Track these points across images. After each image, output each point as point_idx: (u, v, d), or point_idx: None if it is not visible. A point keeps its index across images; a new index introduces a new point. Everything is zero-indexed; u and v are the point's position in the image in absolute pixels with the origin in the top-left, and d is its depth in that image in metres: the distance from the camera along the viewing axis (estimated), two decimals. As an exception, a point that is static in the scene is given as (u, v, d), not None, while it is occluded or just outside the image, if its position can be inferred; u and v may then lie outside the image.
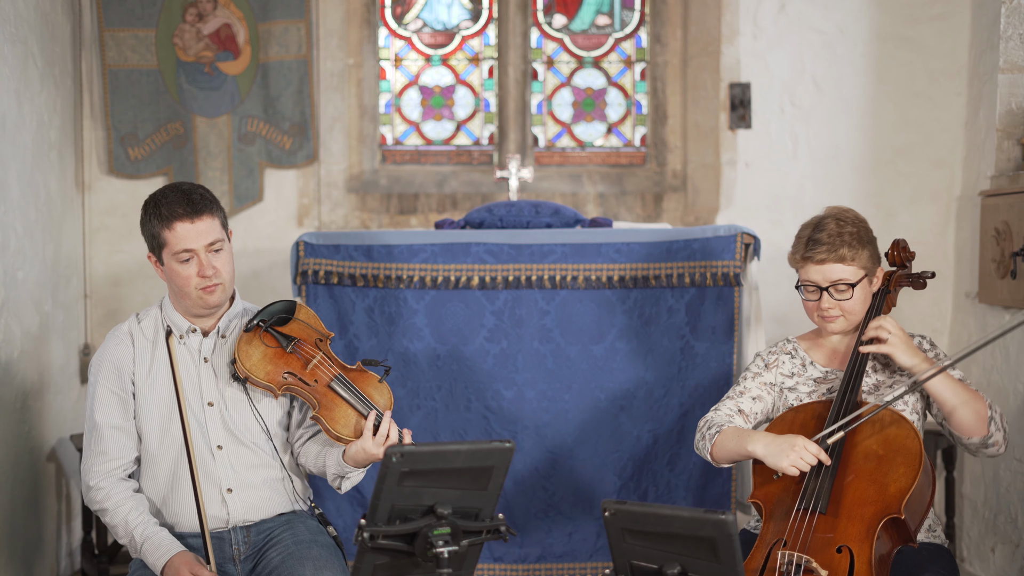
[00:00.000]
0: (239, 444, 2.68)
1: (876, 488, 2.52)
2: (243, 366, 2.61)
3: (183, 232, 2.58)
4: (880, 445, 2.58)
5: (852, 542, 2.46)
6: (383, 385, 2.68)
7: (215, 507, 2.66)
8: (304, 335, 2.69)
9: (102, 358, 2.69)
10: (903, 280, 2.88)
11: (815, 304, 2.76)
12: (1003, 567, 3.93)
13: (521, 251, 3.57)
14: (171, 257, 2.61)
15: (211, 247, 2.61)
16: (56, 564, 4.14)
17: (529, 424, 3.57)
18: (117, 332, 2.71)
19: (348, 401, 2.61)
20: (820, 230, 2.74)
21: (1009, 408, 3.85)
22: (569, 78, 4.94)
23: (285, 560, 2.59)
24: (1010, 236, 3.79)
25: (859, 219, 2.78)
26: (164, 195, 2.62)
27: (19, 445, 3.77)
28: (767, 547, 2.52)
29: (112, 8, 4.48)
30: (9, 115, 3.70)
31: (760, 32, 4.63)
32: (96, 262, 4.58)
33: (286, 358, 2.65)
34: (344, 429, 2.59)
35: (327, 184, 4.67)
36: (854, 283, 2.72)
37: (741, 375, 2.93)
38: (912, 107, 4.61)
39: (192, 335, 2.70)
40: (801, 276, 2.78)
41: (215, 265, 2.62)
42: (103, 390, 2.66)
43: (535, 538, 3.60)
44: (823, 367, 2.85)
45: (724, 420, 2.79)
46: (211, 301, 2.64)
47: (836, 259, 2.70)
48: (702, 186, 4.70)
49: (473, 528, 2.05)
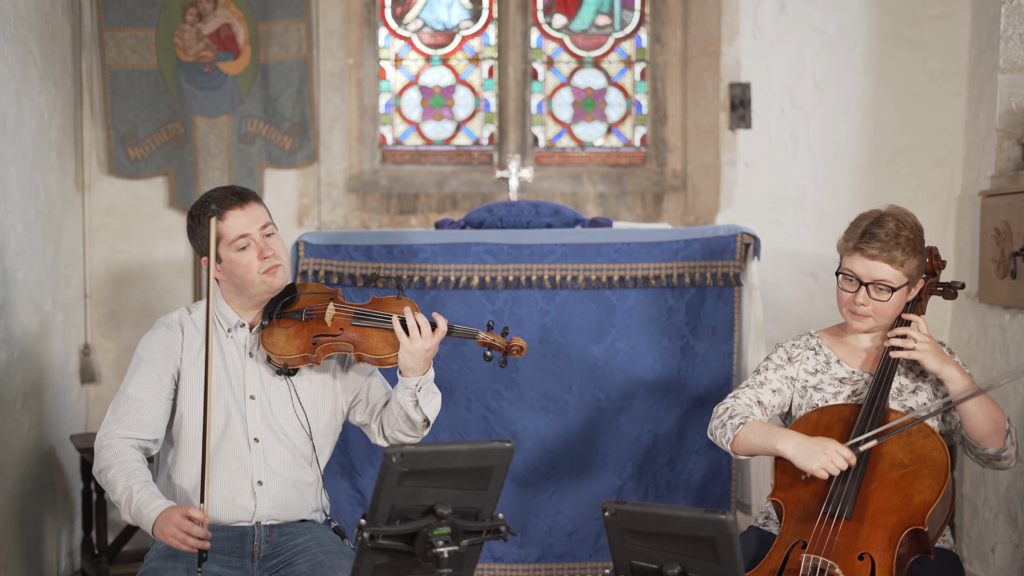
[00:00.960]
0: (276, 440, 2.71)
1: (900, 497, 2.49)
2: (275, 354, 2.68)
3: (236, 219, 2.66)
4: (906, 454, 2.55)
5: (874, 550, 2.44)
6: (402, 299, 2.74)
7: (244, 498, 2.68)
8: (314, 301, 2.77)
9: (152, 340, 2.73)
10: (934, 289, 2.84)
11: (850, 296, 2.70)
12: (1003, 567, 3.93)
13: (521, 251, 3.57)
14: (229, 248, 2.67)
15: (264, 230, 2.69)
16: (56, 564, 4.14)
17: (529, 424, 3.57)
18: (168, 320, 2.77)
19: (374, 327, 2.69)
20: (880, 226, 2.66)
21: (1009, 408, 3.85)
22: (569, 78, 4.94)
23: (315, 568, 2.60)
24: (1010, 236, 3.79)
25: (918, 226, 2.72)
26: (209, 194, 2.71)
27: (19, 445, 3.77)
28: (786, 548, 2.50)
29: (112, 8, 4.48)
30: (9, 115, 3.70)
31: (760, 32, 4.63)
32: (96, 262, 4.58)
33: (308, 326, 2.72)
34: (384, 350, 2.68)
35: (327, 184, 4.68)
36: (895, 287, 2.66)
37: (762, 364, 2.86)
38: (912, 107, 4.61)
39: (240, 329, 2.75)
40: (844, 263, 2.71)
41: (272, 246, 2.69)
42: (146, 367, 2.69)
43: (535, 538, 3.60)
44: (848, 366, 2.80)
45: (744, 410, 2.73)
46: (275, 283, 2.71)
47: (887, 259, 2.64)
48: (702, 186, 4.70)
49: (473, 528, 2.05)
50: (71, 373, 4.35)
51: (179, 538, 2.44)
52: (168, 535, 2.44)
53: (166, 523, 2.46)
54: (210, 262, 2.67)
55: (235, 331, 2.75)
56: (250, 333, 2.75)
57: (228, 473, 2.67)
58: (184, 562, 2.59)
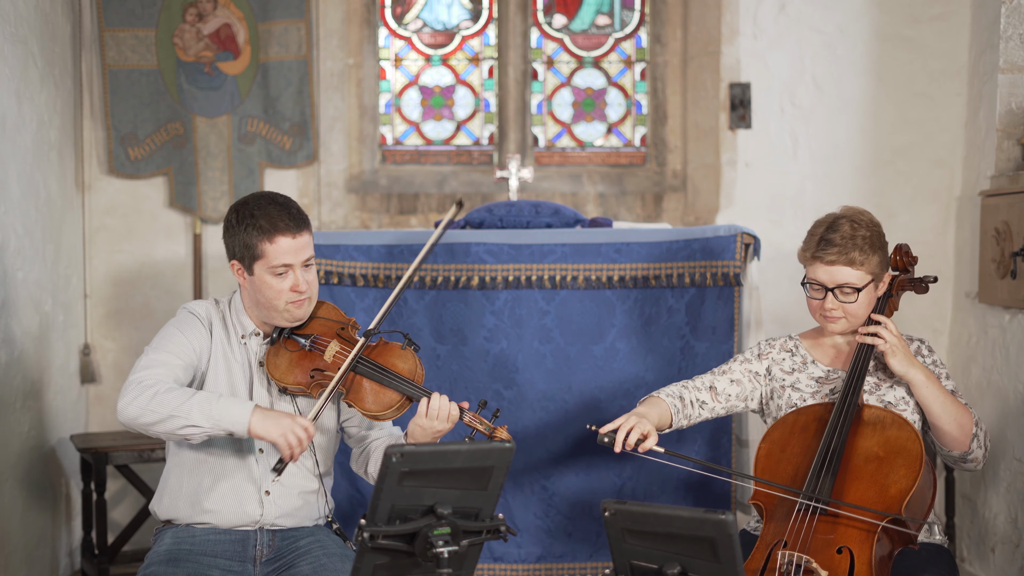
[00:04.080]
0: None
1: (877, 489, 2.52)
2: (275, 378, 2.64)
3: (285, 246, 2.58)
4: (881, 447, 2.58)
5: (852, 543, 2.46)
6: (406, 351, 2.67)
7: (251, 505, 2.66)
8: (323, 329, 2.70)
9: (186, 329, 2.64)
10: (905, 284, 2.87)
11: (819, 303, 2.75)
12: (1003, 567, 3.93)
13: (521, 251, 3.57)
14: (266, 270, 2.60)
15: (306, 262, 2.64)
16: (56, 564, 4.14)
17: (529, 424, 3.57)
18: (196, 310, 2.69)
19: (371, 377, 2.62)
20: (834, 230, 2.70)
21: (1009, 408, 3.85)
22: (569, 78, 4.94)
23: (317, 571, 2.60)
24: (1010, 236, 3.79)
25: (874, 223, 2.75)
26: (261, 206, 2.60)
27: (19, 445, 3.77)
28: (768, 548, 2.53)
29: (112, 8, 4.48)
30: (9, 115, 3.70)
31: (760, 32, 4.63)
32: (96, 262, 4.58)
33: (309, 357, 2.66)
34: (373, 406, 2.61)
35: (327, 184, 4.68)
36: (860, 287, 2.70)
37: (733, 357, 2.95)
38: (912, 107, 4.61)
39: (254, 338, 2.72)
40: (808, 274, 2.76)
41: (308, 280, 2.63)
42: (177, 347, 2.60)
43: (535, 538, 3.60)
44: (825, 366, 2.84)
45: (677, 392, 2.82)
46: (299, 315, 2.66)
47: (846, 262, 2.68)
48: (702, 186, 4.70)
49: (473, 528, 2.05)
50: (71, 373, 4.35)
51: (297, 435, 2.43)
52: (285, 431, 2.43)
53: (278, 419, 2.44)
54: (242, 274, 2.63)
55: (249, 339, 2.72)
56: (263, 342, 2.72)
57: (236, 479, 2.66)
58: (185, 568, 2.58)
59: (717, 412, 2.88)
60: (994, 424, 3.95)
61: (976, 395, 4.15)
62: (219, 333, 2.70)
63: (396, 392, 2.61)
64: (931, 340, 4.50)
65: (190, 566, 2.58)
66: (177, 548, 2.63)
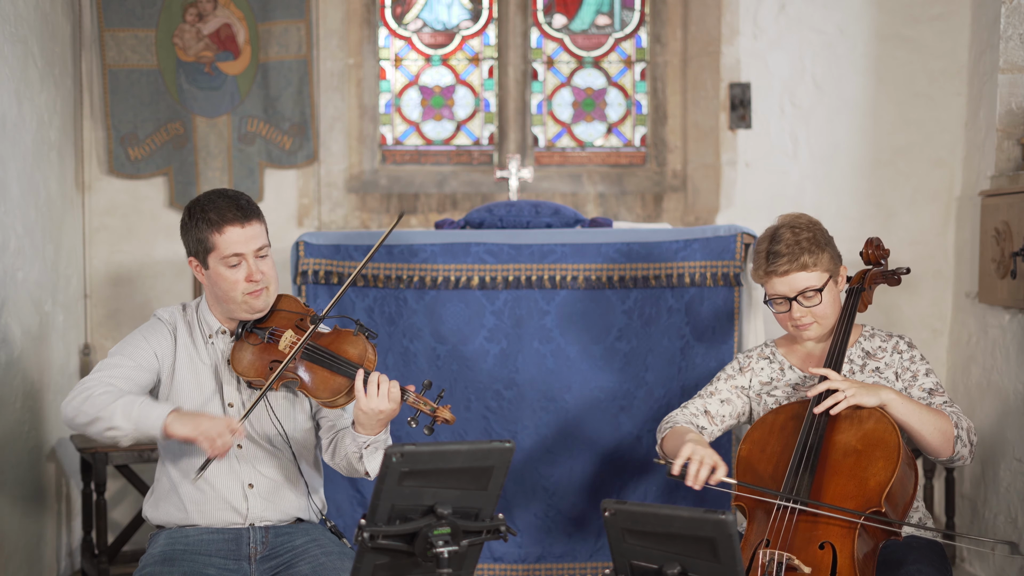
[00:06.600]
0: (258, 446, 2.72)
1: (856, 483, 2.53)
2: (238, 371, 2.67)
3: (234, 236, 2.62)
4: (858, 440, 2.59)
5: (834, 538, 2.48)
6: (357, 337, 2.66)
7: (237, 500, 2.68)
8: (282, 321, 2.72)
9: (159, 316, 2.74)
10: (878, 277, 2.91)
11: (786, 315, 2.78)
12: (1003, 567, 3.93)
13: (521, 251, 3.57)
14: (219, 262, 2.64)
15: (258, 252, 2.66)
16: (56, 564, 4.14)
17: (529, 424, 3.57)
18: (162, 315, 2.76)
19: (321, 365, 2.63)
20: (777, 241, 2.74)
21: (1009, 408, 3.85)
22: (569, 78, 4.94)
23: (317, 570, 2.60)
24: (1010, 236, 3.79)
25: (812, 223, 2.79)
26: (211, 200, 2.66)
27: (19, 445, 3.77)
28: (751, 548, 2.55)
29: (112, 8, 4.48)
30: (9, 115, 3.70)
31: (760, 32, 4.63)
32: (96, 262, 4.58)
33: (268, 349, 2.68)
34: (323, 393, 2.61)
35: (327, 184, 4.68)
36: (820, 288, 2.73)
37: (718, 374, 2.96)
38: (912, 107, 4.61)
39: (220, 336, 2.74)
40: (768, 291, 2.79)
41: (262, 270, 2.66)
42: (139, 341, 2.68)
43: (535, 538, 3.60)
44: (801, 372, 2.87)
45: (686, 419, 2.85)
46: (257, 305, 2.68)
47: (799, 268, 2.71)
48: (702, 186, 4.70)
49: (473, 528, 2.05)
50: (71, 373, 4.35)
51: (217, 430, 2.45)
52: (203, 429, 2.45)
53: (197, 418, 2.48)
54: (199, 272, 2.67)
55: (216, 337, 2.74)
56: (230, 340, 2.74)
57: (220, 476, 2.68)
58: (180, 567, 2.58)
59: (715, 435, 2.92)
60: (994, 424, 3.95)
61: (976, 395, 4.15)
62: (184, 338, 2.73)
63: (344, 377, 2.61)
64: (931, 340, 4.51)
65: (186, 565, 2.59)
66: (172, 549, 2.65)
